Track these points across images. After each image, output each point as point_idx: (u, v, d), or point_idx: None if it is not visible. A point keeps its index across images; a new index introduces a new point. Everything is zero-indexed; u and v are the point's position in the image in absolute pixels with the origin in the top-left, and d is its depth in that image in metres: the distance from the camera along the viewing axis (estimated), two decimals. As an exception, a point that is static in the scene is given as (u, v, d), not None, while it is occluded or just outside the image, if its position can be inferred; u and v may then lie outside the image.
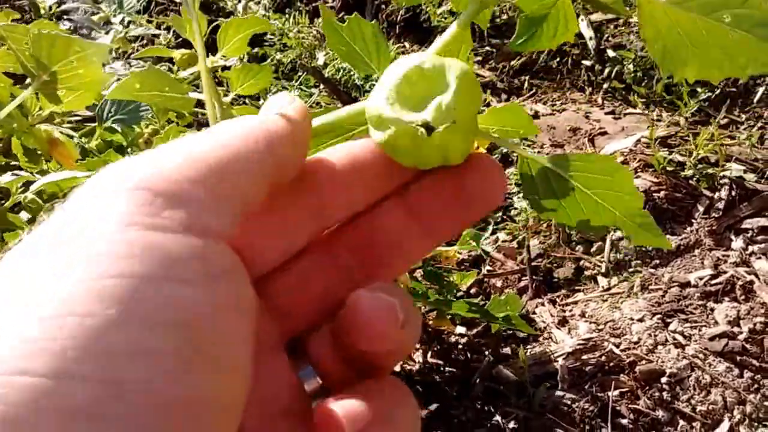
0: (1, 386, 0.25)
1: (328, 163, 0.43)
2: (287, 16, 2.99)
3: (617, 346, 1.68)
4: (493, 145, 2.01)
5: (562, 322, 1.79)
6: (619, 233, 2.00)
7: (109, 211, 0.31)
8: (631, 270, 1.92)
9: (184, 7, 0.56)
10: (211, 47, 1.01)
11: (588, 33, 2.75)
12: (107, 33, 1.83)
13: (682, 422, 1.53)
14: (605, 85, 2.65)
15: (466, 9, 0.50)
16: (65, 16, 2.14)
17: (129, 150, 1.41)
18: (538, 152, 2.39)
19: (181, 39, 2.77)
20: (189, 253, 0.31)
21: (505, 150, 2.36)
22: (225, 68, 1.21)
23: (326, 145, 0.60)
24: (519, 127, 0.60)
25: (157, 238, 0.30)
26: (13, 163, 1.09)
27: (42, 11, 1.74)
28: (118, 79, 1.55)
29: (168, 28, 2.75)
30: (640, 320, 1.73)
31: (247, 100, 2.31)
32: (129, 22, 1.95)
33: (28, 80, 0.83)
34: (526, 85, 2.76)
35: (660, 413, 1.54)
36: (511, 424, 1.54)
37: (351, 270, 0.44)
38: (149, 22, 2.72)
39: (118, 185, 0.32)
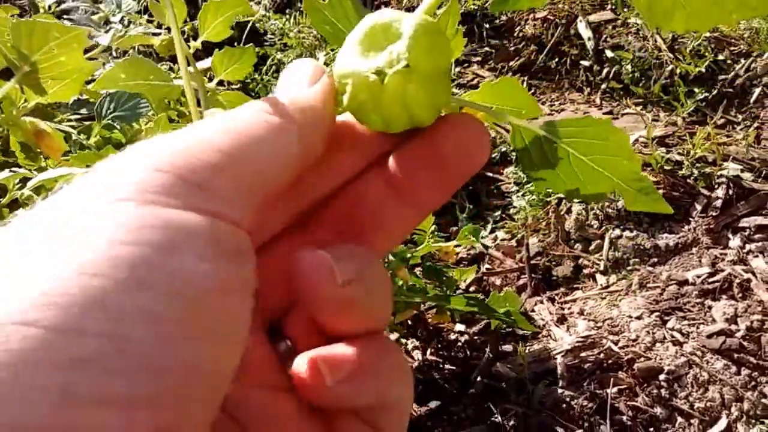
0: (4, 333, 0.26)
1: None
2: (287, 16, 3.00)
3: (616, 344, 1.69)
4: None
5: (561, 320, 1.80)
6: (617, 231, 2.01)
7: (128, 188, 0.31)
8: (629, 268, 1.92)
9: None
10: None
11: (586, 33, 2.76)
12: (107, 32, 1.83)
13: (680, 419, 1.53)
14: (603, 86, 2.66)
15: None
16: (65, 16, 2.15)
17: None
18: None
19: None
20: (203, 230, 0.31)
21: (504, 149, 2.37)
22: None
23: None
24: (517, 106, 0.55)
25: (173, 214, 0.31)
26: (11, 160, 1.10)
27: (42, 10, 1.74)
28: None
29: (168, 29, 2.75)
30: (639, 318, 1.74)
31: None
32: (129, 22, 1.95)
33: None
34: (524, 85, 2.77)
35: (658, 410, 1.55)
36: (511, 422, 1.54)
37: (328, 246, 0.40)
38: (150, 21, 2.73)
39: (139, 163, 0.33)
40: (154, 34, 2.65)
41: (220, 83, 1.01)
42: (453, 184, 0.43)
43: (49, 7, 1.76)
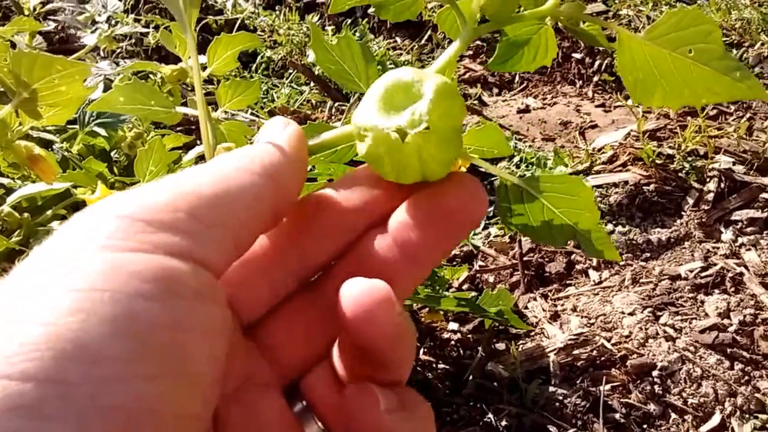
0: None
1: (310, 205, 0.45)
2: (277, 12, 2.98)
3: (608, 341, 1.68)
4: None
5: (554, 317, 1.80)
6: (610, 226, 2.00)
7: (93, 235, 0.33)
8: (621, 263, 1.92)
9: (178, 24, 0.56)
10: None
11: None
12: (93, 32, 1.82)
13: (673, 415, 1.53)
14: (595, 78, 2.66)
15: (457, 35, 0.52)
16: (50, 16, 2.13)
17: (112, 154, 1.40)
18: (530, 146, 2.40)
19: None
20: (155, 272, 0.32)
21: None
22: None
23: (315, 160, 0.62)
24: (495, 147, 0.65)
25: (128, 257, 0.32)
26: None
27: (26, 11, 1.73)
28: (105, 89, 1.54)
29: (157, 27, 2.74)
30: (631, 314, 1.74)
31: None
32: (116, 21, 1.94)
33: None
34: (516, 78, 2.76)
35: (652, 407, 1.54)
36: (504, 421, 1.54)
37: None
38: (137, 20, 2.72)
39: (106, 213, 0.34)
40: (142, 34, 2.65)
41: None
42: (455, 240, 0.45)
43: (34, 8, 1.74)
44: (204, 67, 0.98)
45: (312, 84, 2.55)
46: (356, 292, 0.38)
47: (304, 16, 2.99)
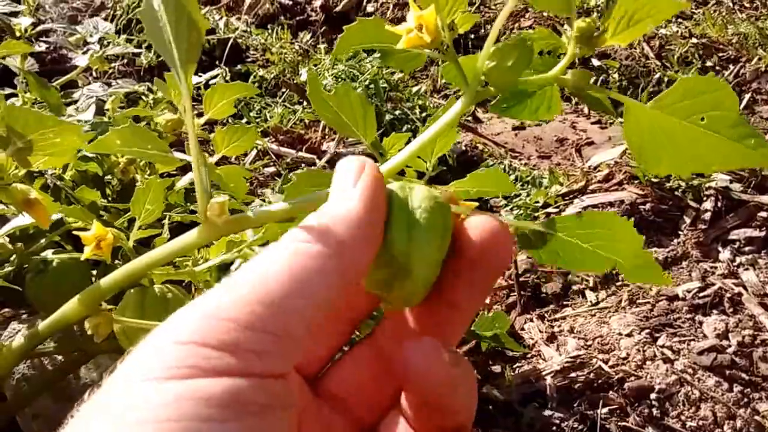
0: None
1: None
2: (269, 31, 2.97)
3: (606, 363, 1.66)
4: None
5: (551, 339, 1.78)
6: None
7: (151, 367, 0.34)
8: (618, 284, 1.90)
9: (173, 74, 0.56)
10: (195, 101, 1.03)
11: (572, 42, 2.74)
12: (85, 53, 1.81)
13: (672, 439, 1.52)
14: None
15: (461, 85, 0.53)
16: (42, 38, 2.12)
17: (106, 179, 1.39)
18: (525, 164, 2.38)
19: (162, 58, 2.75)
20: (221, 396, 0.33)
21: (491, 163, 2.35)
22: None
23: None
24: (499, 189, 0.66)
25: (189, 385, 0.33)
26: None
27: (18, 33, 1.71)
28: (97, 110, 1.52)
29: (149, 47, 2.73)
30: (629, 335, 1.72)
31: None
32: (108, 42, 1.93)
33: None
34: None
35: (650, 430, 1.53)
36: (499, 446, 1.52)
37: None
38: (129, 41, 2.71)
39: (162, 338, 0.35)
40: (134, 54, 2.63)
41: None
42: (488, 284, 0.46)
43: (26, 30, 1.73)
44: (200, 114, 0.98)
45: (305, 103, 2.54)
46: (408, 353, 0.40)
47: (297, 34, 2.98)
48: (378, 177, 0.42)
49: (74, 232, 0.88)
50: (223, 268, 1.15)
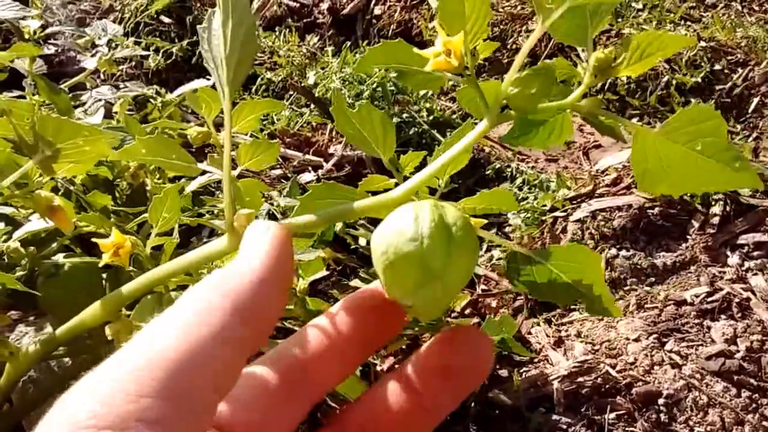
0: None
1: (310, 345, 0.47)
2: (277, 34, 2.97)
3: (613, 368, 1.66)
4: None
5: (558, 343, 1.77)
6: (613, 251, 1.98)
7: None
8: (626, 288, 1.90)
9: (219, 93, 0.59)
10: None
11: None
12: (93, 55, 1.81)
13: (680, 444, 1.51)
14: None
15: (476, 110, 0.58)
16: (50, 40, 2.13)
17: (116, 183, 1.39)
18: (532, 167, 2.38)
19: (170, 60, 2.76)
20: None
21: (498, 166, 2.34)
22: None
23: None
24: (504, 207, 0.72)
25: None
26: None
27: (26, 35, 1.72)
28: (105, 113, 1.53)
29: (157, 50, 2.73)
30: (636, 340, 1.72)
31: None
32: (116, 44, 1.93)
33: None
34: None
35: (657, 436, 1.52)
36: (506, 451, 1.52)
37: None
38: (137, 43, 2.71)
39: (60, 424, 0.33)
40: (142, 57, 2.64)
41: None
42: (462, 393, 0.47)
43: (34, 32, 1.73)
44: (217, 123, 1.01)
45: (312, 106, 2.53)
46: None
47: (304, 37, 2.98)
48: (282, 235, 0.43)
49: (93, 239, 0.89)
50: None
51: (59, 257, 1.11)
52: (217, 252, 0.57)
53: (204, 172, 1.27)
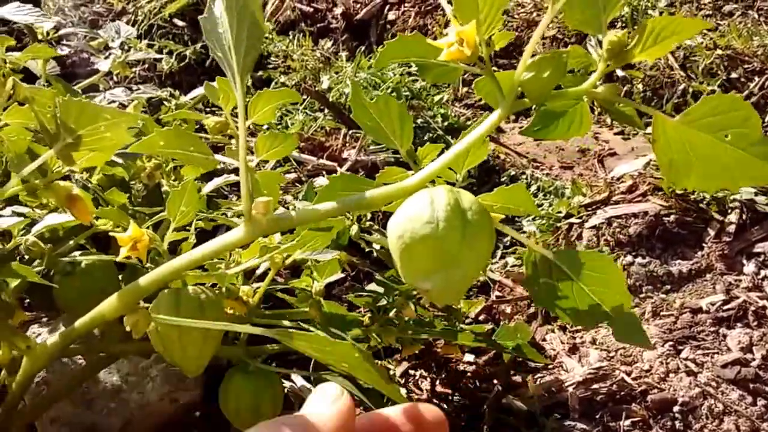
0: None
1: None
2: (290, 38, 2.97)
3: (628, 375, 1.65)
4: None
5: (573, 350, 1.76)
6: (630, 258, 1.97)
7: None
8: (642, 295, 1.88)
9: (230, 82, 0.59)
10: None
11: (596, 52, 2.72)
12: (106, 57, 1.81)
13: (695, 452, 1.50)
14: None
15: (493, 101, 0.57)
16: (63, 42, 2.13)
17: (131, 184, 1.38)
18: (547, 174, 2.37)
19: (184, 63, 2.76)
20: None
21: (513, 173, 2.34)
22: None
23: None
24: (521, 205, 0.71)
25: None
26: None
27: (40, 36, 1.72)
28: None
29: (170, 52, 2.73)
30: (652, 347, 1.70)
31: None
32: (129, 47, 1.93)
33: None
34: (534, 106, 2.74)
35: (673, 444, 1.51)
36: (521, 457, 1.51)
37: None
38: (150, 46, 2.71)
39: None
40: (155, 60, 2.64)
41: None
42: None
43: (47, 33, 1.74)
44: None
45: (326, 110, 2.53)
46: None
47: (318, 42, 2.98)
48: (352, 406, 0.44)
49: (110, 234, 0.88)
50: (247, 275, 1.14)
51: (75, 255, 1.11)
52: (235, 241, 0.57)
53: (220, 174, 1.26)
